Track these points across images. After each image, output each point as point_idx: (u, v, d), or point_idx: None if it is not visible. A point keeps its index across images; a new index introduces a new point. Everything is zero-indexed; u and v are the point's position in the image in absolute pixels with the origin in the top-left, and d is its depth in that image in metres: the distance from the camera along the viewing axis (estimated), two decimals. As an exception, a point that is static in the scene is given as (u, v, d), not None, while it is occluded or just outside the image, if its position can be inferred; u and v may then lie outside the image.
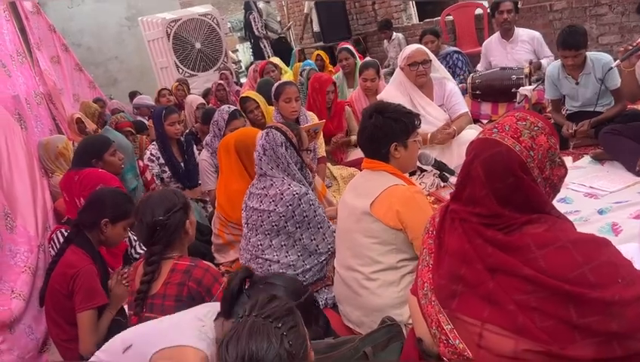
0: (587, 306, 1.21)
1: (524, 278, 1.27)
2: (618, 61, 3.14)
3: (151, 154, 4.24)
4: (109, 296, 2.38)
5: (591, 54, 3.66)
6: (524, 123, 1.39)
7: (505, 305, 1.28)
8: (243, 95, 4.49)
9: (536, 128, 1.38)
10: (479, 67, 5.20)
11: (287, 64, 8.30)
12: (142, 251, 3.12)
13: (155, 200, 2.07)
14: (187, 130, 5.13)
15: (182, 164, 4.27)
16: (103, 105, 7.18)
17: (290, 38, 11.37)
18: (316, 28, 9.74)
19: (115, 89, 10.17)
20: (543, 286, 1.24)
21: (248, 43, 12.84)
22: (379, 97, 4.16)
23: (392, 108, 2.23)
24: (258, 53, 9.87)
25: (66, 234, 2.87)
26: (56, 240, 3.02)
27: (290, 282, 1.76)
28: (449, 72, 5.13)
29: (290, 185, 2.60)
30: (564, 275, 1.23)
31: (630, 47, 3.03)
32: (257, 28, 9.65)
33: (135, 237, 3.22)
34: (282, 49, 9.66)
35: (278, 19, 11.53)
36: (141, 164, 4.12)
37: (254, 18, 9.68)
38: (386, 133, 2.17)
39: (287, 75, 6.59)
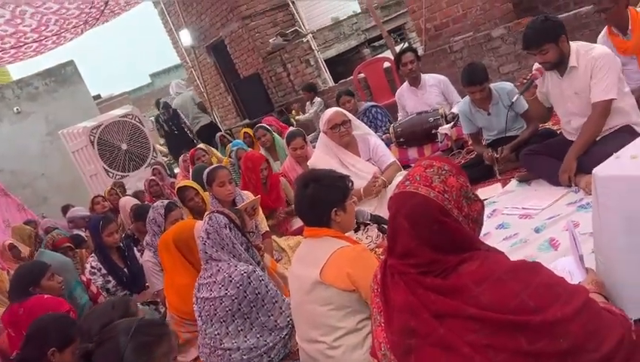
0: (534, 331, 1.25)
1: (469, 318, 1.29)
2: (517, 95, 3.34)
3: (91, 266, 4.10)
4: None
5: (494, 85, 3.91)
6: (432, 169, 1.45)
7: (459, 349, 1.29)
8: (180, 185, 4.47)
9: (443, 172, 1.44)
10: (398, 115, 5.42)
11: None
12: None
13: (92, 319, 2.02)
14: (124, 234, 5.02)
15: (125, 270, 4.14)
16: (36, 226, 6.95)
17: (216, 121, 11.51)
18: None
19: (46, 207, 9.90)
20: (488, 322, 1.27)
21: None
22: (309, 163, 4.24)
23: (325, 175, 2.29)
24: (175, 147, 9.83)
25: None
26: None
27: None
28: (371, 125, 5.34)
29: (236, 266, 2.58)
30: (506, 306, 1.27)
31: (525, 81, 3.23)
32: (185, 122, 9.77)
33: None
34: (212, 133, 9.75)
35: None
36: (84, 278, 3.97)
37: (180, 113, 9.78)
38: (326, 201, 2.21)
39: (217, 159, 6.63)
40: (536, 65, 3.23)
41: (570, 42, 3.10)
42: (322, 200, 2.21)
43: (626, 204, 1.63)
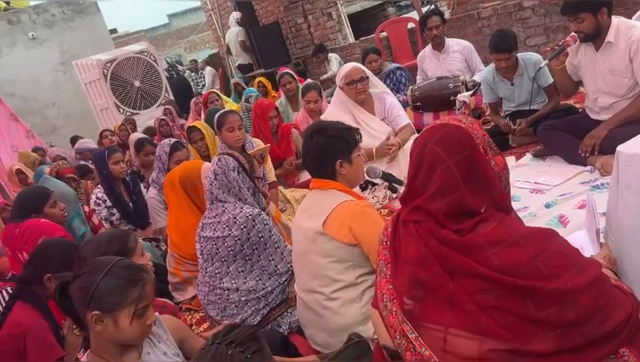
0: (543, 298, 1.23)
1: (480, 277, 1.27)
2: (547, 60, 3.23)
3: (97, 198, 4.11)
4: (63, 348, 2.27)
5: (521, 55, 3.80)
6: (459, 117, 1.48)
7: (465, 306, 1.28)
8: (190, 125, 4.45)
9: (470, 120, 1.47)
10: (418, 78, 5.32)
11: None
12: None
13: (87, 249, 2.01)
14: (130, 170, 5.01)
15: (130, 205, 4.16)
16: (43, 154, 6.97)
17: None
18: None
19: (55, 136, 9.91)
20: (499, 283, 1.25)
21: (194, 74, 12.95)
22: (322, 117, 4.18)
23: (331, 126, 2.25)
24: (177, 90, 9.90)
25: (11, 291, 2.73)
26: (0, 299, 2.86)
27: None
28: (393, 88, 5.25)
29: (242, 208, 2.56)
30: (517, 271, 1.25)
31: (557, 47, 3.15)
32: (183, 69, 10.02)
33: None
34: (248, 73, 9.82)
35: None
36: (87, 209, 3.98)
37: (176, 64, 10.14)
38: (330, 152, 2.18)
39: (229, 105, 6.57)
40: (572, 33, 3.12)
41: (613, 17, 2.97)
42: (326, 151, 2.18)
43: (647, 184, 1.59)
